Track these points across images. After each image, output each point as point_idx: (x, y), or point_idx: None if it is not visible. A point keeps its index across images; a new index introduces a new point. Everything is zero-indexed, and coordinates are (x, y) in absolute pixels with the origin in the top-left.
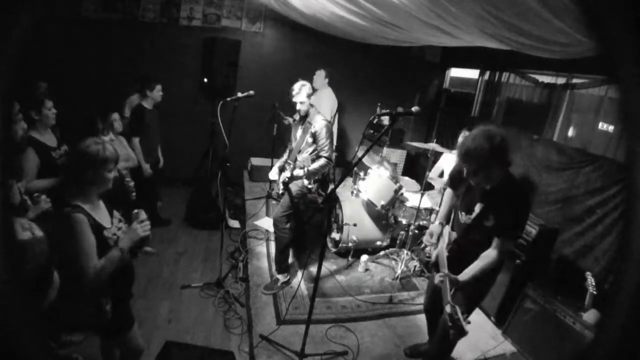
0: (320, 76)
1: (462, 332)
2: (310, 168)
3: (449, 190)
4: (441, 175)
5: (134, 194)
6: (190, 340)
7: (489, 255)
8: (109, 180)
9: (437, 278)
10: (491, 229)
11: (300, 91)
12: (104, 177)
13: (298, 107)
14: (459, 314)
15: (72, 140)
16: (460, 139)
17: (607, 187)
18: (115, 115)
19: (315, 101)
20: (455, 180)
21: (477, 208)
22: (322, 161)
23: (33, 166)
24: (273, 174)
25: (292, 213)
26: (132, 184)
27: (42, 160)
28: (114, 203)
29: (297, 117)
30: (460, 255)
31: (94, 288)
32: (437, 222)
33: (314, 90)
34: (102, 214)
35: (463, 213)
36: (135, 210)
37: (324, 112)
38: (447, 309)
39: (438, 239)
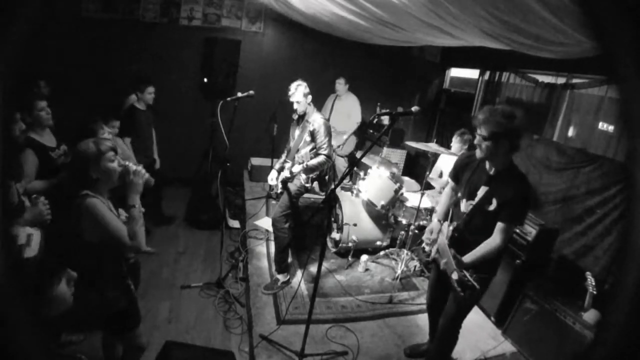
0: (341, 83)
1: (474, 289)
2: (309, 163)
3: (447, 190)
4: (440, 175)
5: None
6: (190, 340)
7: (491, 241)
8: (114, 171)
9: (442, 262)
10: (493, 213)
11: (296, 91)
12: (106, 168)
13: (295, 106)
14: (468, 275)
15: (72, 140)
16: (454, 141)
17: (607, 187)
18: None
19: (344, 107)
20: (457, 171)
21: (481, 192)
22: (321, 158)
23: (32, 167)
24: (272, 178)
25: (291, 213)
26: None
27: (40, 161)
28: (118, 203)
29: (294, 116)
30: (460, 242)
31: (139, 251)
32: (435, 220)
33: (327, 94)
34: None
35: (464, 200)
36: (123, 164)
37: (355, 115)
38: (454, 275)
39: (437, 235)
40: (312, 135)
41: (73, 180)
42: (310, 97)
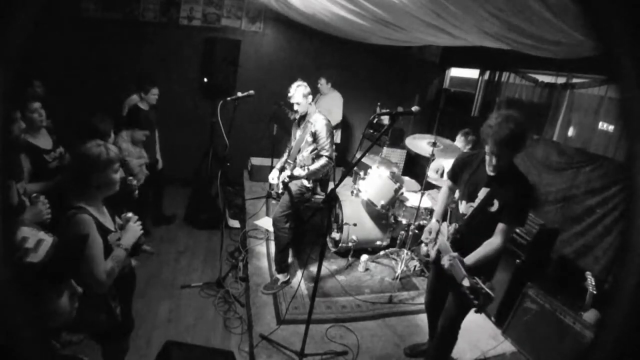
0: (322, 84)
1: (488, 297)
2: (311, 167)
3: (444, 189)
4: (442, 173)
5: (136, 192)
6: (190, 340)
7: (492, 242)
8: (116, 181)
9: (447, 261)
10: (495, 215)
11: (295, 92)
12: (109, 179)
13: (295, 107)
14: (481, 283)
15: (71, 141)
16: (458, 140)
17: (607, 187)
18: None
19: (326, 103)
20: (456, 171)
21: (482, 193)
22: (323, 160)
23: (24, 169)
24: (273, 177)
25: (292, 213)
26: (134, 182)
27: (34, 164)
28: (117, 202)
29: (296, 116)
30: (462, 244)
31: (105, 291)
32: (434, 220)
33: (313, 94)
34: (105, 218)
35: (464, 202)
36: (127, 215)
37: (336, 113)
38: (465, 282)
39: (437, 236)
40: (314, 136)
41: (72, 184)
42: (310, 97)
